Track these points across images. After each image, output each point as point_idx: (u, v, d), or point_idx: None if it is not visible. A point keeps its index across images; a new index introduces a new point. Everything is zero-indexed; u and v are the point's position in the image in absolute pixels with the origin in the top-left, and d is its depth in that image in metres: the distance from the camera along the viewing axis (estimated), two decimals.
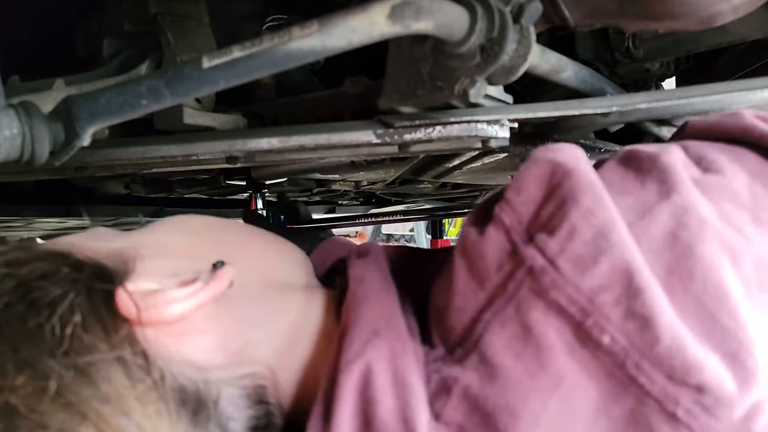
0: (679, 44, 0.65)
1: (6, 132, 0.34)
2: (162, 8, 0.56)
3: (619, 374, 0.28)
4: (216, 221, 0.45)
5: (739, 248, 0.30)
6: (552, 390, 0.29)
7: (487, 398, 0.30)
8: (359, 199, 1.64)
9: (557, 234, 0.30)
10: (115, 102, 0.36)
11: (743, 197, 0.33)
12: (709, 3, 0.40)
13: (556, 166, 0.32)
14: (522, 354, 0.29)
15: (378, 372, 0.31)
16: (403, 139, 0.46)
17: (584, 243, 0.29)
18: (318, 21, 0.34)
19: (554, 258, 0.29)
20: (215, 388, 0.32)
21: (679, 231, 0.30)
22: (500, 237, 0.31)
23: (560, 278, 0.29)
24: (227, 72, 0.35)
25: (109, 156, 0.54)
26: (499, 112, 0.45)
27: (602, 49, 0.69)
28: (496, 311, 0.30)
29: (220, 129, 0.58)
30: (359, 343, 0.32)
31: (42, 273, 0.31)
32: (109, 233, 0.39)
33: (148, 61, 0.58)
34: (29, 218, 1.17)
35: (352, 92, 0.57)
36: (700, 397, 0.27)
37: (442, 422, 0.30)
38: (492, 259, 0.31)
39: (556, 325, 0.29)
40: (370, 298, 0.36)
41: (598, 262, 0.29)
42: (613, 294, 0.28)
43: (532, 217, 0.31)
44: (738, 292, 0.29)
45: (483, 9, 0.39)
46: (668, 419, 0.28)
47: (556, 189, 0.31)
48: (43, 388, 0.27)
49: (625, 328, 0.28)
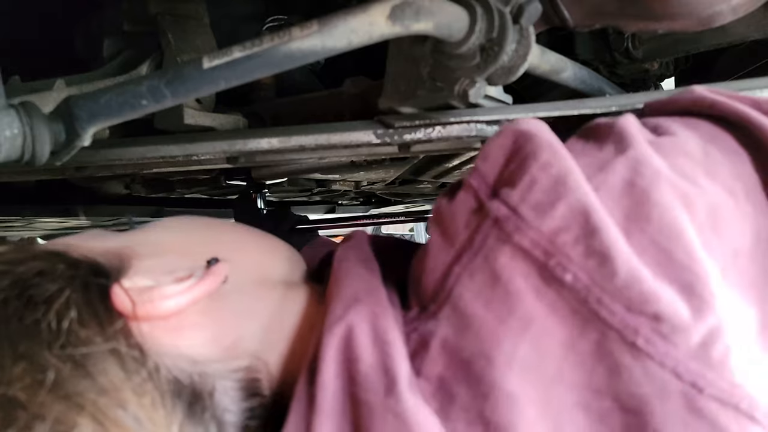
0: (678, 44, 0.65)
1: (7, 132, 0.34)
2: (162, 8, 0.56)
3: (582, 310, 0.30)
4: (209, 221, 0.45)
5: (691, 195, 0.32)
6: (522, 332, 0.30)
7: (463, 347, 0.31)
8: (359, 199, 1.64)
9: (518, 186, 0.32)
10: (116, 102, 0.36)
11: (696, 155, 0.35)
12: (709, 3, 0.40)
13: (519, 133, 0.34)
14: (491, 300, 0.31)
15: (359, 332, 0.32)
16: (403, 139, 0.46)
17: (543, 190, 0.31)
18: (318, 21, 0.34)
19: (516, 206, 0.31)
20: (210, 381, 0.33)
21: (635, 179, 0.32)
22: (468, 197, 0.33)
23: (522, 223, 0.31)
24: (227, 72, 0.35)
25: (110, 156, 0.54)
26: (498, 112, 0.45)
27: (602, 49, 0.69)
28: (465, 263, 0.32)
29: (221, 129, 0.58)
30: (340, 309, 0.34)
31: (38, 271, 0.32)
32: (105, 234, 0.40)
33: (148, 62, 0.58)
34: (29, 218, 1.17)
35: (352, 92, 0.57)
36: (657, 326, 0.29)
37: (423, 377, 0.32)
38: (460, 217, 0.33)
39: (522, 269, 0.30)
40: (351, 273, 0.37)
41: (556, 205, 0.30)
42: (572, 234, 0.30)
43: (497, 176, 0.33)
44: (692, 233, 0.31)
45: (483, 9, 0.39)
46: (629, 348, 0.29)
47: (518, 150, 0.33)
48: (41, 380, 0.28)
49: (585, 265, 0.30)
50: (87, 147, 0.37)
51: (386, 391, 0.30)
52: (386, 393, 0.30)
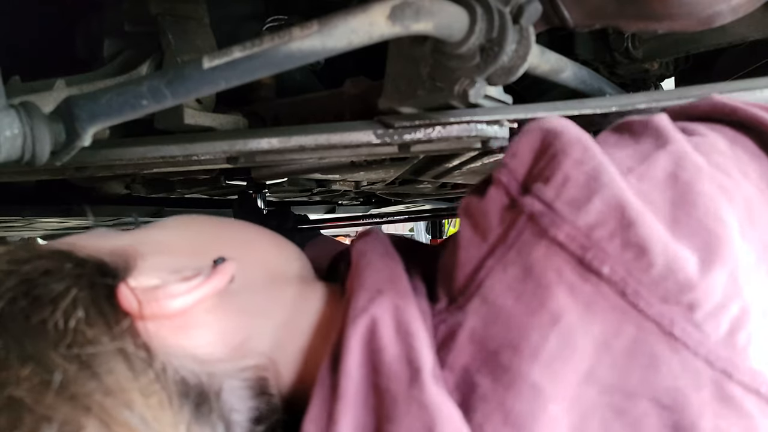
0: (678, 45, 0.65)
1: (7, 132, 0.34)
2: (162, 9, 0.56)
3: (620, 304, 0.30)
4: (214, 219, 0.45)
5: (731, 188, 0.33)
6: (551, 325, 0.30)
7: (490, 338, 0.31)
8: (359, 199, 1.64)
9: (552, 182, 0.32)
10: (116, 102, 0.36)
11: (727, 154, 0.36)
12: (708, 4, 0.40)
13: (546, 131, 0.34)
14: (523, 293, 0.31)
15: (382, 324, 0.33)
16: (403, 140, 0.46)
17: (577, 187, 0.31)
18: (318, 21, 0.34)
19: (551, 202, 0.31)
20: (217, 381, 0.33)
21: (677, 172, 0.33)
22: (499, 194, 0.34)
23: (558, 218, 0.31)
24: (228, 72, 0.35)
25: (110, 156, 0.54)
26: (498, 112, 0.45)
27: (602, 49, 0.69)
28: (499, 257, 0.32)
29: (221, 129, 0.58)
30: (364, 300, 0.34)
31: (45, 270, 0.32)
32: (110, 233, 0.40)
33: (148, 62, 0.58)
34: (30, 218, 1.17)
35: (352, 92, 0.57)
36: (691, 315, 0.29)
37: (447, 368, 0.32)
38: (493, 214, 0.33)
39: (556, 263, 0.31)
40: (373, 264, 0.38)
41: (592, 200, 0.31)
42: (608, 228, 0.30)
43: (527, 172, 0.34)
44: (734, 224, 0.32)
45: (483, 9, 0.39)
46: (667, 339, 0.30)
47: (548, 147, 0.33)
48: (48, 381, 0.28)
49: (622, 258, 0.30)
50: (87, 147, 0.37)
51: (410, 381, 0.31)
52: (410, 383, 0.31)
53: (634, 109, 0.50)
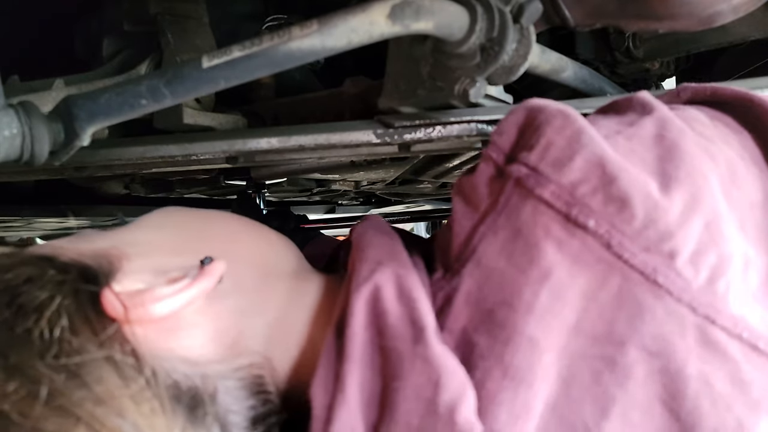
0: (679, 44, 0.65)
1: (6, 132, 0.34)
2: (162, 8, 0.56)
3: (606, 255, 0.31)
4: (200, 213, 0.44)
5: (713, 150, 0.35)
6: (541, 281, 0.31)
7: (485, 298, 0.33)
8: (359, 199, 1.64)
9: (535, 148, 0.33)
10: (115, 102, 0.36)
11: (708, 125, 0.37)
12: (709, 3, 0.40)
13: (531, 108, 0.36)
14: (513, 253, 0.32)
15: (386, 289, 0.34)
16: (403, 139, 0.46)
17: (559, 149, 0.33)
18: (318, 21, 0.34)
19: (536, 165, 0.33)
20: (212, 382, 0.32)
21: (663, 133, 0.34)
22: (487, 167, 0.35)
23: (542, 178, 0.32)
24: (227, 72, 0.35)
25: (109, 156, 0.54)
26: (499, 111, 0.45)
27: (602, 48, 0.69)
28: (490, 224, 0.34)
29: (220, 129, 0.58)
30: (366, 271, 0.35)
31: (27, 277, 0.31)
32: (94, 234, 0.39)
33: (147, 61, 0.58)
34: (29, 218, 1.16)
35: (352, 92, 0.57)
36: (672, 262, 0.30)
37: (446, 331, 0.33)
38: (482, 185, 0.35)
39: (544, 221, 0.32)
40: (373, 241, 0.39)
41: (573, 159, 0.32)
42: (591, 184, 0.31)
43: (513, 144, 0.35)
44: (715, 181, 0.33)
45: (483, 9, 0.39)
46: (651, 287, 0.31)
47: (532, 121, 0.35)
48: (35, 392, 0.27)
49: (605, 211, 0.31)
50: (86, 147, 0.37)
51: (414, 340, 0.32)
52: (414, 341, 0.32)
53: None
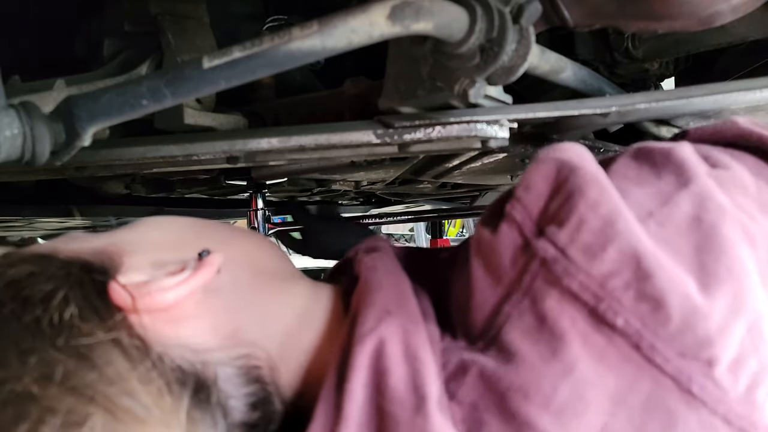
0: (678, 44, 0.65)
1: (7, 132, 0.34)
2: (162, 8, 0.56)
3: (634, 357, 0.29)
4: (192, 219, 0.46)
5: (754, 232, 0.32)
6: (563, 376, 0.29)
7: (501, 378, 0.31)
8: (359, 199, 1.64)
9: (566, 225, 0.31)
10: (116, 102, 0.36)
11: (751, 190, 0.35)
12: (709, 3, 0.40)
13: (562, 164, 0.33)
14: (537, 340, 0.31)
15: (390, 345, 0.32)
16: (403, 139, 0.46)
17: (592, 232, 0.30)
18: (318, 21, 0.34)
19: (565, 248, 0.30)
20: (212, 369, 0.33)
21: (701, 214, 0.31)
22: (512, 233, 0.33)
23: (572, 266, 0.30)
24: (228, 72, 0.35)
25: (110, 156, 0.54)
26: (498, 112, 0.45)
27: (602, 49, 0.69)
28: (514, 303, 0.32)
29: (221, 129, 0.58)
30: (372, 320, 0.34)
31: (29, 272, 0.32)
32: (86, 235, 0.40)
33: (148, 62, 0.58)
34: (30, 218, 1.17)
35: (352, 92, 0.57)
36: (710, 371, 0.28)
37: (456, 401, 0.32)
38: (506, 254, 0.33)
39: (570, 313, 0.30)
40: (383, 283, 0.37)
41: (606, 249, 0.30)
42: (623, 278, 0.29)
43: (542, 211, 0.33)
44: (755, 271, 0.31)
45: (482, 9, 0.39)
46: (684, 396, 0.29)
47: (563, 184, 0.32)
48: (49, 375, 0.28)
49: (637, 310, 0.29)
50: (87, 147, 0.37)
51: (415, 408, 0.30)
52: (414, 410, 0.30)
53: (634, 109, 0.50)
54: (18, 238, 1.54)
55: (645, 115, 0.57)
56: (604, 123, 0.61)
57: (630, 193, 0.33)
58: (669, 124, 0.67)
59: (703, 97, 0.49)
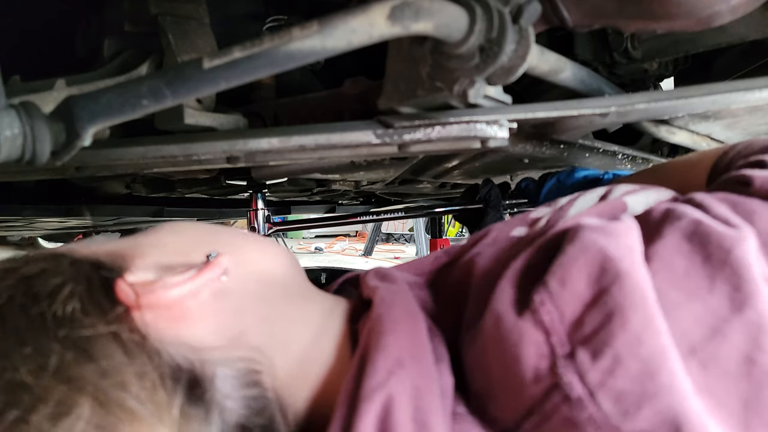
0: (677, 45, 0.65)
1: (7, 132, 0.34)
2: (162, 9, 0.56)
3: None
4: (204, 224, 0.46)
5: None
6: None
7: None
8: (359, 199, 1.64)
9: (600, 360, 0.28)
10: (116, 102, 0.36)
11: None
12: (708, 3, 0.40)
13: (608, 262, 0.29)
14: None
15: (399, 406, 0.30)
16: (403, 140, 0.46)
17: (628, 379, 0.27)
18: (318, 21, 0.35)
19: (594, 390, 0.27)
20: (210, 368, 0.33)
21: (754, 354, 0.27)
22: (538, 339, 0.29)
23: (599, 415, 0.27)
24: (228, 72, 0.35)
25: (110, 156, 0.54)
26: (498, 112, 0.45)
27: (601, 49, 0.69)
28: (534, 424, 0.30)
29: (221, 129, 0.58)
30: (383, 372, 0.32)
31: (42, 269, 0.33)
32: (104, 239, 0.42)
33: (148, 62, 0.58)
34: (30, 218, 1.17)
35: (352, 92, 0.57)
36: None
37: None
38: (528, 362, 0.29)
39: None
40: (397, 326, 0.35)
41: (642, 407, 0.27)
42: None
43: (575, 322, 0.29)
44: None
45: (482, 10, 0.39)
46: None
47: (604, 295, 0.29)
48: (44, 364, 0.29)
49: None
50: (87, 147, 0.37)
51: None
52: None
53: (633, 110, 0.51)
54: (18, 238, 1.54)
55: (644, 116, 0.57)
56: (603, 123, 0.62)
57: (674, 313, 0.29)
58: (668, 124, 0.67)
59: (702, 98, 0.49)
